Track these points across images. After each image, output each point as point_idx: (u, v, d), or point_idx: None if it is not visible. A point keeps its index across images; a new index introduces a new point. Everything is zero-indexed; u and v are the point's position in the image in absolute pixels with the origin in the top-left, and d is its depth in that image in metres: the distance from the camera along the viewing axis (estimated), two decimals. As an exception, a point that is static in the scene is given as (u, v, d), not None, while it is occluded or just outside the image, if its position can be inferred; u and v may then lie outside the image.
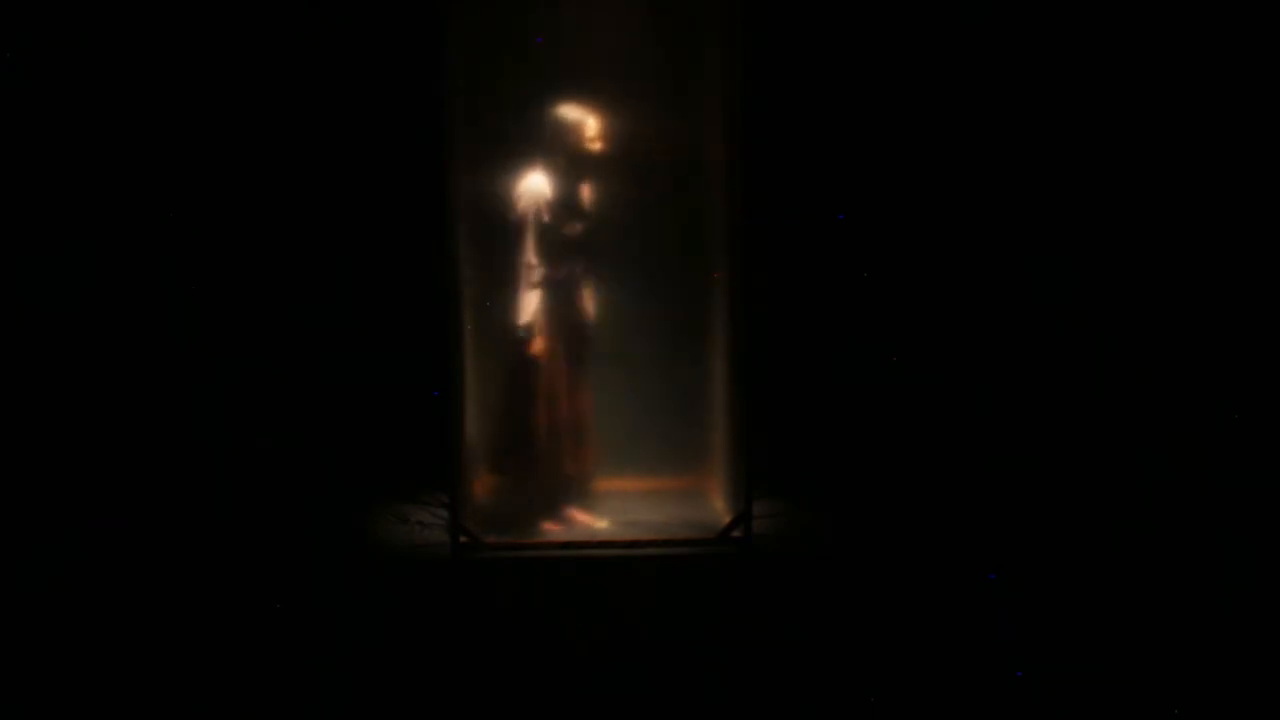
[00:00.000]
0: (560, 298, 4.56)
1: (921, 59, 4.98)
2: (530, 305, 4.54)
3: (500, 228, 4.55)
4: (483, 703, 3.44)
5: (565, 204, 4.56)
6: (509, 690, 3.50)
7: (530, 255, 4.53)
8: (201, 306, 4.98)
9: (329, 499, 4.84)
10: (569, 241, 4.56)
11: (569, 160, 4.55)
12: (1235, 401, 4.87)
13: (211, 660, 3.61)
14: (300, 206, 4.97)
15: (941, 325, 5.06)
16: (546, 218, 4.54)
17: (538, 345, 4.56)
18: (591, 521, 4.63)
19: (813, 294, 5.08)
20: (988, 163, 4.99)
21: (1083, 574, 4.13)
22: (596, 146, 4.55)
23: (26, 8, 4.77)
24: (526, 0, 4.64)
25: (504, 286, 4.58)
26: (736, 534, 4.45)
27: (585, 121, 4.53)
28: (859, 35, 4.96)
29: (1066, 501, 4.69)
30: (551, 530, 4.57)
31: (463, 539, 4.42)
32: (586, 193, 4.60)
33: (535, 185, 4.53)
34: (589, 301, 4.62)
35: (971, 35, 4.96)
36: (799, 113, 4.97)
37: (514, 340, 4.57)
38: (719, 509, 4.69)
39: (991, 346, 5.02)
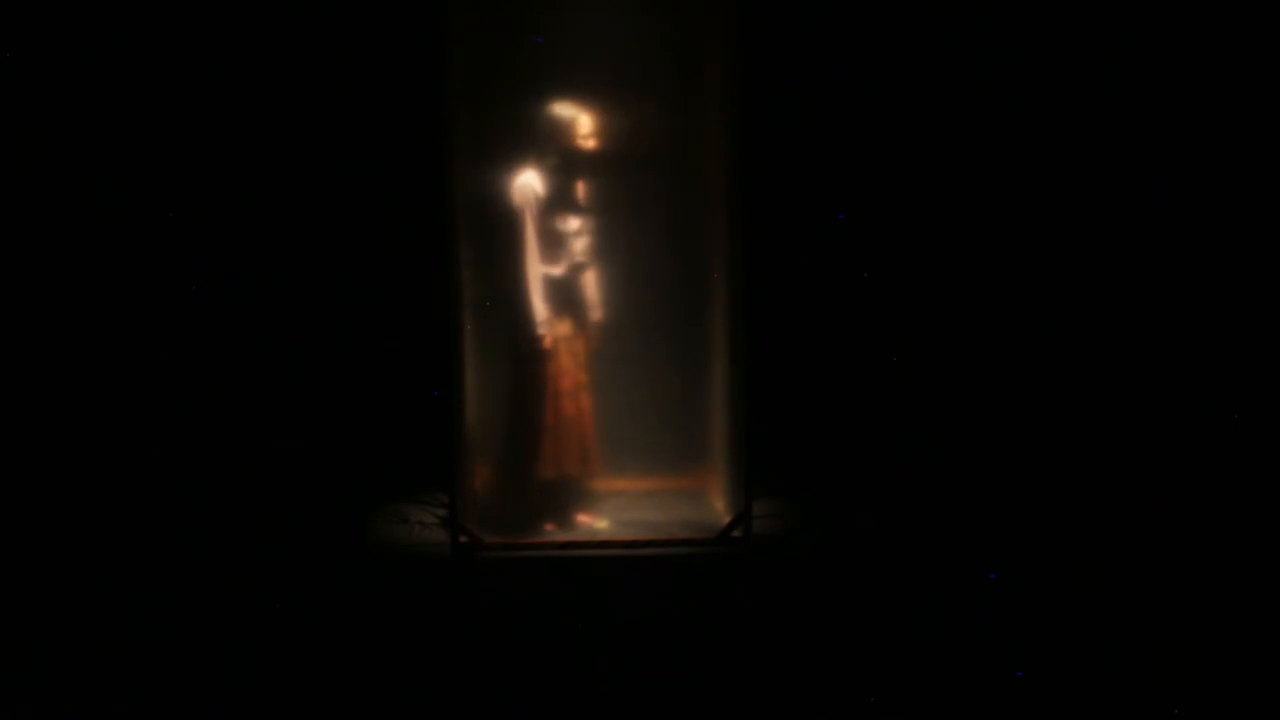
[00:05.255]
0: (560, 297, 4.56)
1: (921, 58, 4.98)
2: (530, 305, 4.54)
3: (500, 227, 4.55)
4: (482, 702, 3.44)
5: (565, 203, 4.55)
6: (509, 690, 3.49)
7: (530, 254, 4.53)
8: (201, 306, 4.97)
9: (329, 498, 4.84)
10: (569, 241, 4.56)
11: (569, 160, 4.55)
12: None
13: (210, 660, 3.61)
14: (300, 206, 4.97)
15: (941, 325, 5.06)
16: (546, 217, 4.54)
17: (538, 345, 4.55)
18: (591, 521, 4.63)
19: (813, 294, 5.08)
20: (987, 162, 4.99)
21: (1081, 573, 4.13)
22: (596, 146, 4.55)
23: (28, 7, 4.77)
24: (526, 0, 4.64)
25: (504, 286, 4.57)
26: (736, 534, 4.45)
27: (585, 121, 4.53)
28: (858, 34, 4.97)
29: (1066, 501, 4.69)
30: (552, 530, 4.57)
31: (463, 539, 4.42)
32: (586, 192, 4.60)
33: (535, 184, 4.53)
34: (589, 301, 4.62)
35: (971, 34, 4.96)
36: (799, 112, 4.97)
37: (514, 340, 4.57)
38: (719, 509, 4.69)
39: (991, 345, 5.02)
